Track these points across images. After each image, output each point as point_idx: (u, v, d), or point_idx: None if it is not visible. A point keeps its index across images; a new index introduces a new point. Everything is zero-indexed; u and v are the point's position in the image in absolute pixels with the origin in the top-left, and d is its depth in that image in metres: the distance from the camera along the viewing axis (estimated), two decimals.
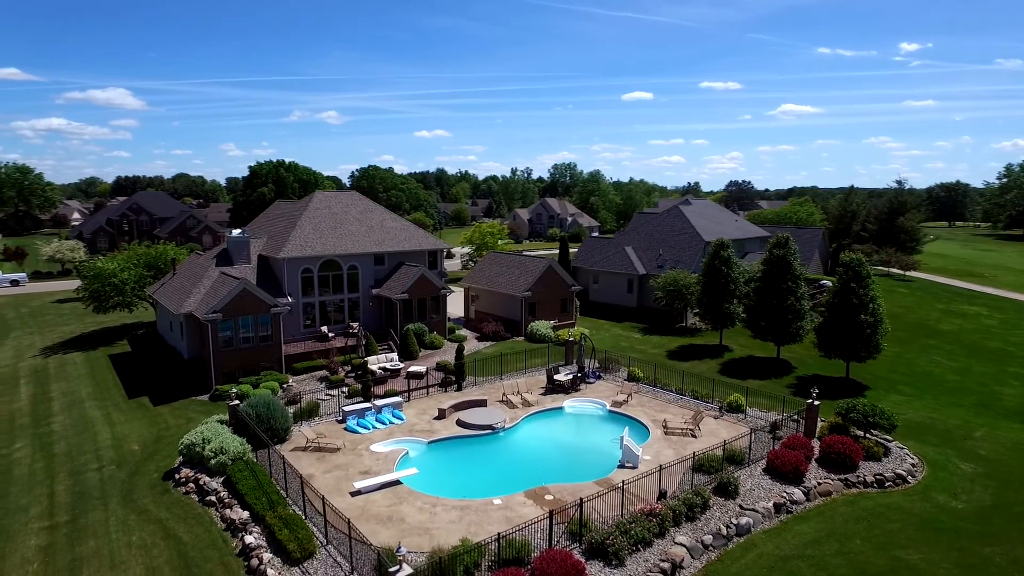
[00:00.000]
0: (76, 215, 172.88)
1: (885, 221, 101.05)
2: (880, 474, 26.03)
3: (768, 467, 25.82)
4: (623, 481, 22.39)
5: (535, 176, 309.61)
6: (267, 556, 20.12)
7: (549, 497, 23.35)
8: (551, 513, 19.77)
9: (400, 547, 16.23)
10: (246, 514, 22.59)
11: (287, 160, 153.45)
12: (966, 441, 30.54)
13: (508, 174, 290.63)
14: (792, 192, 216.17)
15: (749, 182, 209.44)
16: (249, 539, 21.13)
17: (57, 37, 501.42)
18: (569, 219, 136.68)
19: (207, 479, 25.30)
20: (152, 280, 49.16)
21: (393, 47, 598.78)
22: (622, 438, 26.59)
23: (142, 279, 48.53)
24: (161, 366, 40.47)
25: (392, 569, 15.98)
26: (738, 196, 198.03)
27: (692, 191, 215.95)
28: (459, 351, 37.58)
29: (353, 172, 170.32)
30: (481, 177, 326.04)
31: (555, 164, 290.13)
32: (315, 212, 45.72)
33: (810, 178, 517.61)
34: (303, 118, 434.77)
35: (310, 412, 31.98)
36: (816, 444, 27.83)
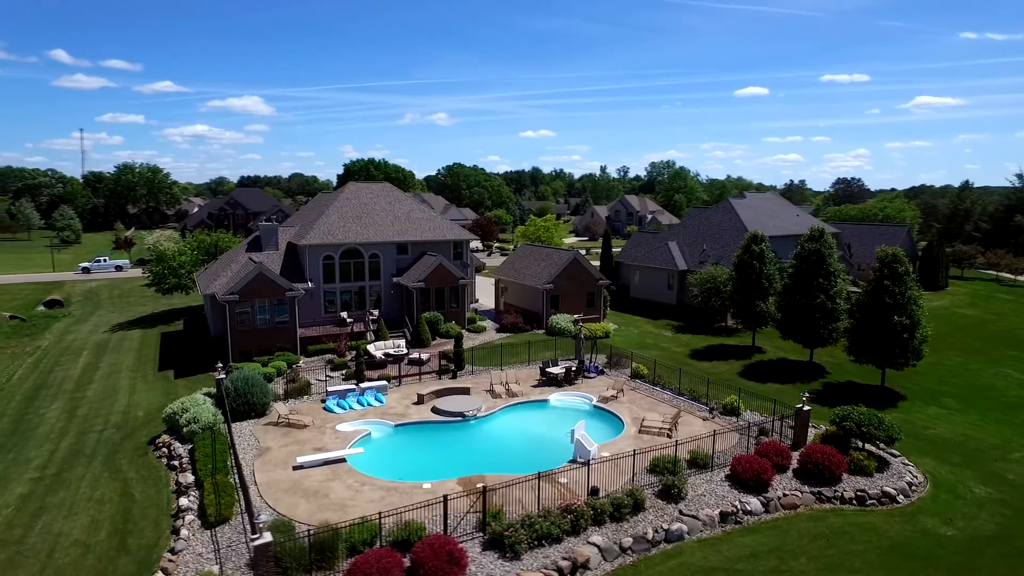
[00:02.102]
0: (196, 210, 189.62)
1: (1000, 220, 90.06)
2: (863, 490, 23.16)
3: (731, 473, 23.74)
4: (539, 474, 21.38)
5: (631, 175, 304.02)
6: (190, 518, 21.12)
7: (480, 485, 22.69)
8: (444, 498, 19.27)
9: (260, 515, 16.50)
10: (192, 478, 23.86)
11: (377, 159, 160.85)
12: (996, 463, 26.52)
13: (614, 173, 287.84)
14: (917, 191, 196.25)
15: (859, 179, 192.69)
16: (184, 501, 22.32)
17: (204, 52, 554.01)
18: (649, 216, 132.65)
19: (178, 445, 26.98)
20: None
21: (503, 49, 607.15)
22: (573, 432, 25.41)
23: (197, 263, 52.51)
24: (194, 343, 43.66)
25: (252, 536, 16.25)
26: (846, 195, 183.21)
27: (794, 190, 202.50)
28: (458, 340, 37.64)
29: (439, 169, 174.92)
30: (577, 176, 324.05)
31: (652, 162, 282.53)
32: (344, 202, 47.42)
33: (949, 176, 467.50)
34: (415, 120, 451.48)
35: (300, 391, 33.24)
36: (796, 453, 25.23)
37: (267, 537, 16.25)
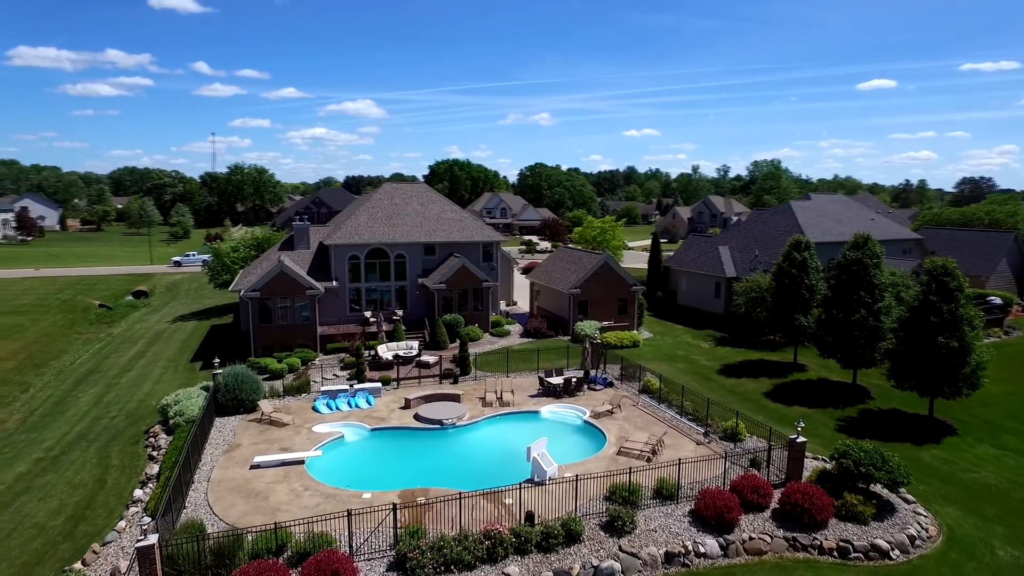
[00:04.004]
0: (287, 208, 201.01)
1: None
2: (847, 540, 20.03)
3: (695, 508, 21.34)
4: (460, 494, 20.11)
5: (732, 174, 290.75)
6: (135, 510, 21.79)
7: (421, 499, 21.85)
8: (348, 512, 18.50)
9: (145, 517, 16.52)
10: (156, 470, 24.67)
11: (462, 159, 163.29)
12: None
13: (713, 173, 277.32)
14: None
15: (989, 178, 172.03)
16: (138, 492, 23.11)
17: (324, 59, 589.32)
18: (734, 219, 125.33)
19: (163, 437, 28.10)
20: None
21: (606, 48, 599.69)
22: (529, 450, 23.86)
23: (249, 260, 55.16)
24: (230, 337, 45.73)
25: (138, 538, 16.32)
26: (973, 196, 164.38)
27: (910, 190, 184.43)
28: (463, 344, 36.90)
29: (522, 169, 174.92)
30: (674, 176, 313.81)
31: (755, 161, 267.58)
32: (376, 202, 47.98)
33: None
34: (517, 121, 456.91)
35: (299, 389, 33.78)
36: (779, 491, 22.30)
37: (151, 540, 16.25)
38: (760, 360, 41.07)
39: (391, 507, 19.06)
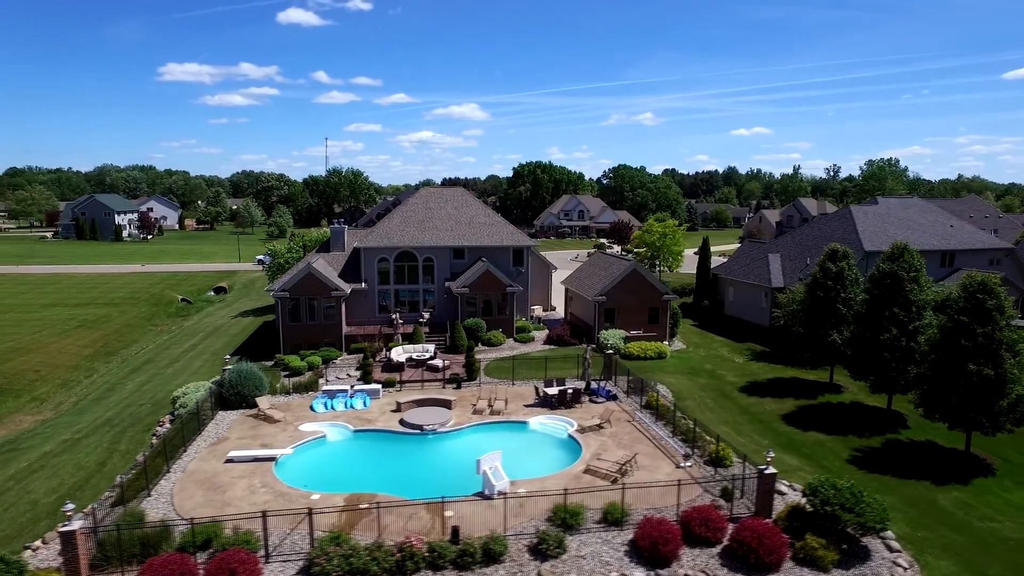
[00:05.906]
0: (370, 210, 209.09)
1: None
2: None
3: (634, 538, 20.01)
4: (377, 503, 19.96)
5: (843, 175, 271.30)
6: (108, 494, 23.48)
7: (364, 506, 22.00)
8: (263, 514, 18.90)
9: (67, 504, 17.72)
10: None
11: (545, 162, 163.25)
12: None
13: (822, 173, 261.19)
14: None
15: None
16: (120, 478, 24.85)
17: (432, 65, 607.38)
18: None
19: (169, 426, 30.09)
20: None
21: (714, 45, 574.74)
22: (479, 463, 23.28)
23: (301, 259, 58.01)
24: (272, 334, 48.28)
25: (63, 523, 17.57)
26: None
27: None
28: (469, 350, 36.82)
29: (606, 171, 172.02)
30: (778, 176, 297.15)
31: (869, 160, 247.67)
32: (411, 206, 48.93)
33: None
34: (620, 121, 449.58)
35: (307, 387, 35.08)
36: (733, 527, 20.41)
37: (73, 525, 17.44)
38: (793, 378, 37.92)
39: (307, 511, 19.30)
